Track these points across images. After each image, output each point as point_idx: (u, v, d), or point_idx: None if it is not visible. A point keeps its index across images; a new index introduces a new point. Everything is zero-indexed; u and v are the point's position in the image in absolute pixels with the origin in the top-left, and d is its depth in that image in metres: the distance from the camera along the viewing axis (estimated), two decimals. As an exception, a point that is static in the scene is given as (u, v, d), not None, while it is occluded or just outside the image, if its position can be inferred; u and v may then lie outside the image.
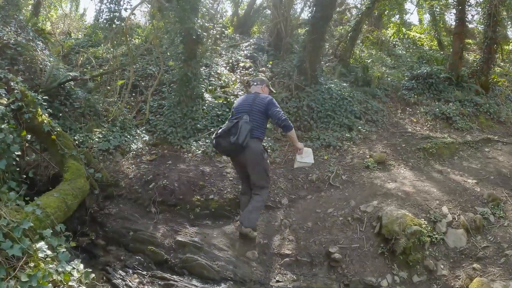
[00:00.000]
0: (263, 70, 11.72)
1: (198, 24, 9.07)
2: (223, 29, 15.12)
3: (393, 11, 18.30)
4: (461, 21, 12.54)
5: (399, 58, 16.14)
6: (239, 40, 15.08)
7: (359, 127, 9.65)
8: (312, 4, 10.29)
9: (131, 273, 5.16)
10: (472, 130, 10.46)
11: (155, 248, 5.67)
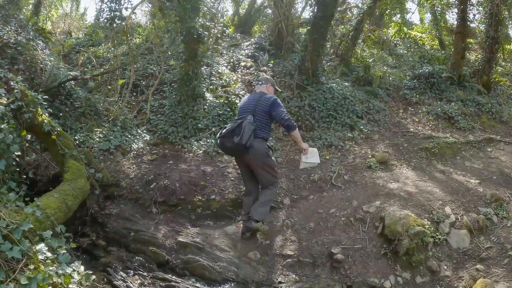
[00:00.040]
0: (264, 69, 11.69)
1: (199, 23, 9.04)
2: (224, 28, 15.09)
3: (395, 10, 18.23)
4: (462, 21, 12.49)
5: (400, 57, 16.10)
6: (240, 39, 15.05)
7: (361, 127, 9.61)
8: (313, 3, 10.24)
9: (132, 274, 5.12)
10: (474, 130, 10.42)
11: (156, 249, 5.65)
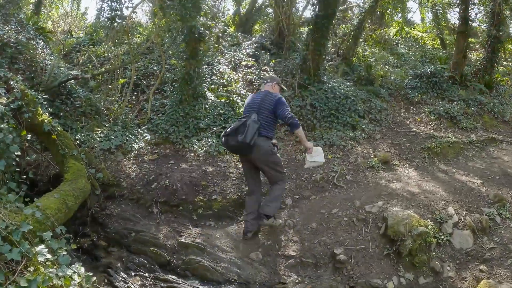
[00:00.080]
0: (265, 68, 11.66)
1: (200, 22, 9.01)
2: (225, 28, 15.06)
3: (396, 10, 18.20)
4: (464, 20, 12.44)
5: (401, 56, 16.07)
6: (241, 38, 15.02)
7: (363, 126, 9.58)
8: (315, 2, 10.20)
9: (133, 275, 5.09)
10: (476, 129, 10.38)
11: (157, 249, 5.62)
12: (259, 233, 6.02)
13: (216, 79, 10.81)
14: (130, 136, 8.31)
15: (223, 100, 9.62)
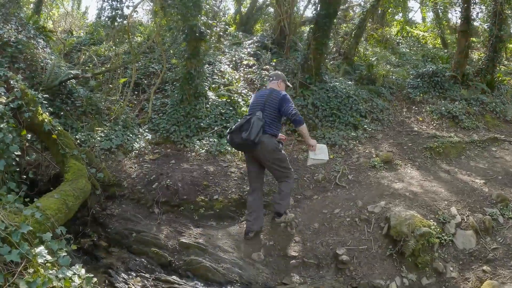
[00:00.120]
0: (266, 68, 11.62)
1: (201, 21, 8.98)
2: (226, 27, 15.03)
3: (398, 9, 18.16)
4: (466, 19, 12.40)
5: (403, 56, 16.04)
6: (242, 38, 14.98)
7: (365, 126, 9.55)
8: (316, 1, 10.17)
9: (134, 276, 5.06)
10: (478, 129, 10.35)
11: (158, 250, 5.59)
12: (260, 233, 5.98)
13: (217, 78, 10.78)
14: (131, 135, 8.27)
15: (224, 99, 9.59)
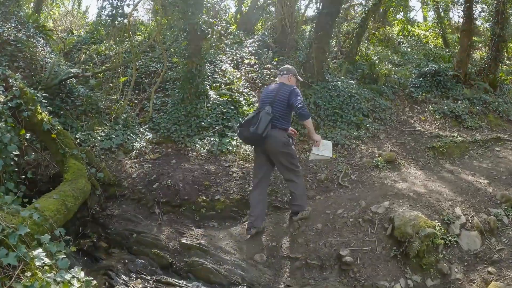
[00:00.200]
0: (268, 67, 11.57)
1: (202, 19, 8.92)
2: (227, 25, 14.97)
3: (400, 8, 18.11)
4: (468, 18, 12.34)
5: (404, 55, 15.98)
6: (243, 37, 14.92)
7: (367, 125, 9.48)
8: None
9: (134, 278, 5.02)
10: (481, 128, 10.29)
11: (159, 251, 5.54)
12: (263, 233, 5.93)
13: (218, 77, 10.72)
14: (131, 135, 8.21)
15: (226, 98, 9.53)
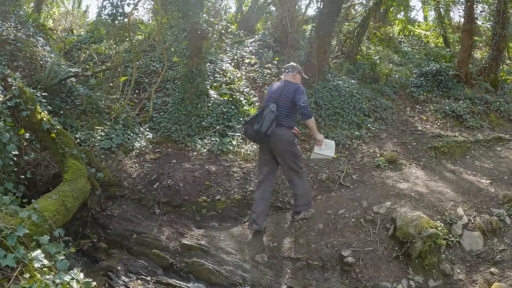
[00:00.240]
0: (269, 66, 11.53)
1: (203, 18, 8.89)
2: (228, 24, 14.94)
3: (401, 7, 18.08)
4: (469, 18, 12.31)
5: (405, 55, 15.96)
6: (244, 36, 14.89)
7: (368, 125, 9.45)
8: (319, -2, 10.10)
9: (134, 279, 4.99)
10: (483, 128, 10.27)
11: (159, 251, 5.51)
12: (264, 234, 5.89)
13: (219, 77, 10.68)
14: (131, 134, 8.17)
15: (226, 98, 9.49)
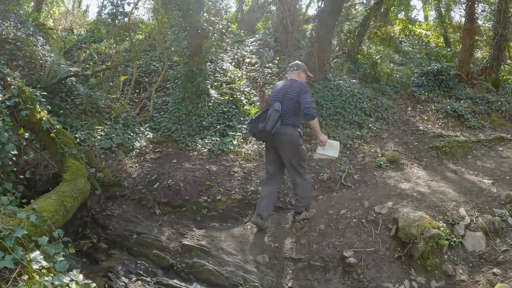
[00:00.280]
0: (269, 66, 11.50)
1: (203, 18, 8.85)
2: (228, 24, 14.91)
3: (402, 6, 18.05)
4: (470, 18, 12.28)
5: (406, 54, 15.93)
6: (244, 36, 14.85)
7: (370, 125, 9.41)
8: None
9: (134, 279, 4.95)
10: (484, 128, 10.26)
11: (160, 252, 5.47)
12: (265, 234, 5.86)
13: (219, 76, 10.65)
14: (131, 134, 8.14)
15: (227, 97, 9.46)
